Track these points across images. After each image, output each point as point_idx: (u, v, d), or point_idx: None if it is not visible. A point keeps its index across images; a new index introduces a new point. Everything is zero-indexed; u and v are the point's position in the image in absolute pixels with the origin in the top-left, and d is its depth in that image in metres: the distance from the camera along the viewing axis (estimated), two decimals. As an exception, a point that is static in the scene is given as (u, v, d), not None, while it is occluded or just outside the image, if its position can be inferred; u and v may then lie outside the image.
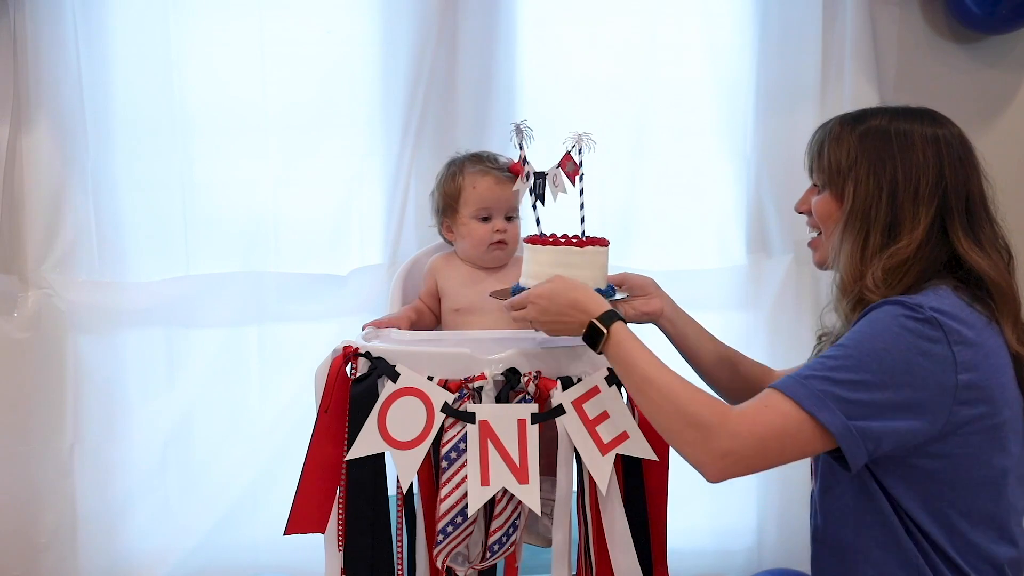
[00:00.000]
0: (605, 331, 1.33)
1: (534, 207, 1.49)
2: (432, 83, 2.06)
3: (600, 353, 1.36)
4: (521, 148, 1.48)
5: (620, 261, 2.15)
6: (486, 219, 1.69)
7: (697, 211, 2.20)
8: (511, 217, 1.71)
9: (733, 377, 1.62)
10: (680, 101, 2.16)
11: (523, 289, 1.45)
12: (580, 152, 1.47)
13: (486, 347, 1.44)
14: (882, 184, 1.31)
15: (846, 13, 2.12)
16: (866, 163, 1.33)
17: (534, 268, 1.47)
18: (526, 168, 1.48)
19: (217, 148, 2.07)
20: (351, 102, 2.10)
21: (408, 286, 1.81)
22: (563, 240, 1.49)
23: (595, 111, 2.13)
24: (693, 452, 1.23)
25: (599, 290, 1.44)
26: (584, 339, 1.37)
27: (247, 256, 2.10)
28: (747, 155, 2.17)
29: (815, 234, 1.45)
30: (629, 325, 1.36)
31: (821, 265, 1.44)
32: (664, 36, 2.14)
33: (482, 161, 1.72)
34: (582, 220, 1.50)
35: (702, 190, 2.19)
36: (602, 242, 1.49)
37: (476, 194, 1.68)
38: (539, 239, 1.48)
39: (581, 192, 1.48)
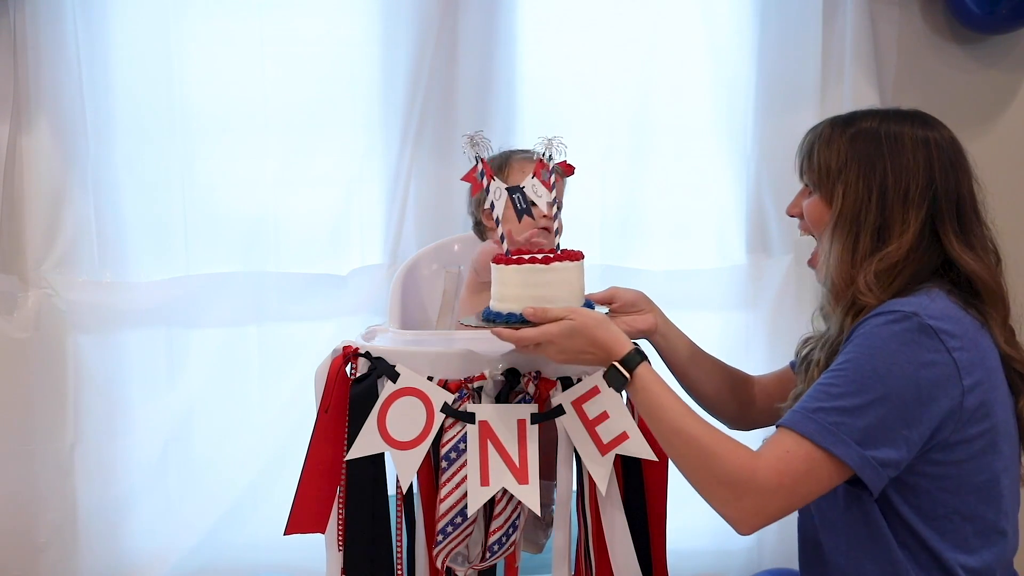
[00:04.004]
0: (628, 376, 1.29)
1: (519, 218, 1.43)
2: (432, 83, 2.05)
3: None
4: (477, 160, 1.41)
5: (621, 261, 2.16)
6: None
7: (697, 211, 2.19)
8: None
9: (721, 385, 1.61)
10: (680, 101, 2.16)
11: (495, 314, 1.37)
12: (551, 159, 1.41)
13: (486, 347, 1.44)
14: (872, 187, 1.30)
15: (846, 13, 2.11)
16: (856, 166, 1.32)
17: (503, 290, 1.36)
18: (485, 182, 1.41)
19: (217, 148, 2.07)
20: (351, 102, 2.09)
21: (408, 286, 1.81)
22: (527, 258, 1.36)
23: (595, 111, 2.13)
24: (725, 510, 1.25)
25: None
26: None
27: (247, 256, 2.09)
28: (747, 155, 2.17)
29: (807, 237, 1.44)
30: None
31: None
32: (664, 36, 2.14)
33: (526, 151, 1.69)
34: (557, 232, 1.43)
35: (702, 190, 2.19)
36: (575, 256, 1.38)
37: (523, 178, 1.58)
38: (504, 258, 1.37)
39: (554, 202, 1.42)
